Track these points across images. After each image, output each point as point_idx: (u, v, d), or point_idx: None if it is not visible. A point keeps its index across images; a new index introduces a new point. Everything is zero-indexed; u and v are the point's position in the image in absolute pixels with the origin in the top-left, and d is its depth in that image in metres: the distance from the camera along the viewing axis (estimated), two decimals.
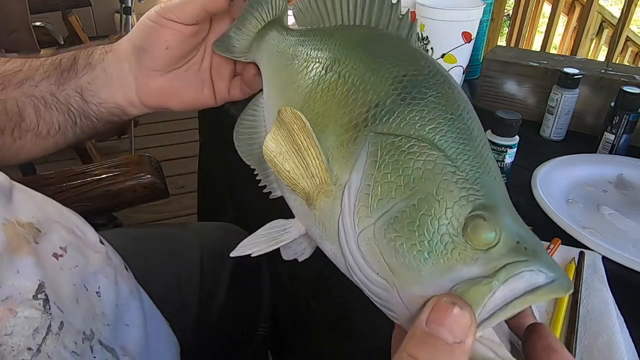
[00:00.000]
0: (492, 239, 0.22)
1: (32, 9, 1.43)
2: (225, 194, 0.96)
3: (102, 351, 0.37)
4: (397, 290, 0.23)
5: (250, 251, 0.36)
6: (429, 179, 0.24)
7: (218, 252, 0.68)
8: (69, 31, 2.21)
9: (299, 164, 0.27)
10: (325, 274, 0.54)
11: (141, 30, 0.41)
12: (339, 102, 0.28)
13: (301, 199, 0.29)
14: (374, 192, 0.24)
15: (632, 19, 2.22)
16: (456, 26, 0.78)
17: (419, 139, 0.25)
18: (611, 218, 0.55)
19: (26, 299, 0.32)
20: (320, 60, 0.31)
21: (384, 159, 0.25)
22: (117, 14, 3.34)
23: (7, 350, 0.30)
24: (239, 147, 0.40)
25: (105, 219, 0.72)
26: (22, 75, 0.45)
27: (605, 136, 0.67)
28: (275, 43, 0.38)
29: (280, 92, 0.34)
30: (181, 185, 1.94)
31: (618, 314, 0.42)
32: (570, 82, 0.70)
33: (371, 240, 0.24)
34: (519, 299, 0.21)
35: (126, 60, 0.43)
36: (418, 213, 0.23)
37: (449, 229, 0.23)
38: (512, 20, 2.26)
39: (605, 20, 2.29)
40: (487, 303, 0.21)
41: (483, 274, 0.22)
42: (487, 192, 0.24)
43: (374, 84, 0.27)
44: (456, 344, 0.20)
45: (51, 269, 0.36)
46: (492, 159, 0.26)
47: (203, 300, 0.62)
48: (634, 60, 2.45)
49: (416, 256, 0.23)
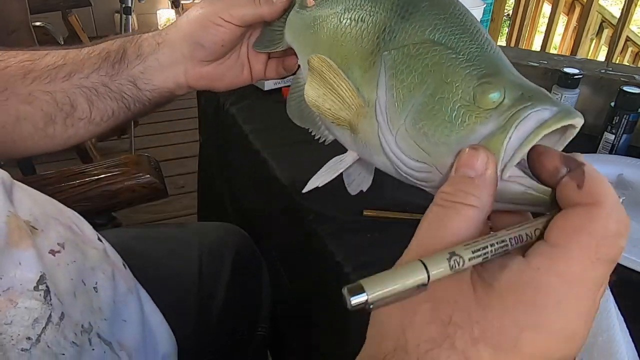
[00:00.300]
0: (498, 97, 0.26)
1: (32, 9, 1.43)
2: (225, 194, 0.96)
3: (101, 344, 0.37)
4: (435, 167, 0.28)
5: (317, 183, 0.42)
6: (437, 69, 0.28)
7: (217, 252, 0.68)
8: (69, 31, 2.21)
9: (335, 99, 0.33)
10: (325, 274, 0.54)
11: (199, 26, 0.46)
12: (356, 40, 0.34)
13: (347, 130, 0.35)
14: (397, 97, 0.30)
15: (632, 19, 2.22)
16: None
17: (422, 42, 0.30)
18: None
19: (27, 290, 0.33)
20: (335, 14, 0.37)
21: (398, 68, 0.30)
22: (117, 14, 3.35)
23: (6, 339, 0.31)
24: (292, 117, 0.46)
25: (104, 219, 0.72)
26: (67, 68, 0.48)
27: (605, 136, 0.67)
28: (300, 22, 0.43)
29: (312, 52, 0.38)
30: (181, 185, 1.93)
31: (618, 314, 0.42)
32: (570, 82, 0.69)
33: (405, 136, 0.29)
34: (531, 134, 0.24)
35: (179, 51, 0.47)
36: (435, 98, 0.28)
37: (462, 101, 0.27)
38: (512, 20, 2.26)
39: (605, 20, 2.29)
40: (507, 147, 0.25)
41: (498, 127, 0.25)
42: (487, 64, 0.28)
43: (377, 14, 0.33)
44: (477, 176, 0.23)
45: (49, 264, 0.36)
46: (487, 38, 0.30)
47: (203, 300, 0.62)
48: (634, 60, 2.45)
49: (442, 132, 0.27)
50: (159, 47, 0.48)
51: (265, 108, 0.85)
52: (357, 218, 0.56)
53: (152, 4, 3.77)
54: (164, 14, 3.79)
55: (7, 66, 0.49)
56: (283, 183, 0.65)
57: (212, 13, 0.45)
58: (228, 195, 0.95)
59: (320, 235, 0.55)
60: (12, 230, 0.34)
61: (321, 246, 0.54)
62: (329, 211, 0.58)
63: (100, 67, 0.48)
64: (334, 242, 0.54)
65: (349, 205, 0.58)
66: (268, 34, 0.50)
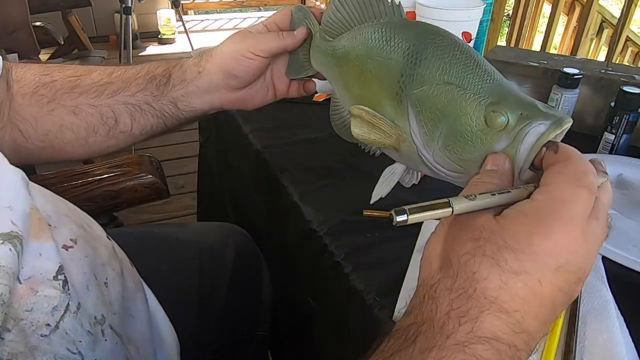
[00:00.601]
0: (504, 121, 0.34)
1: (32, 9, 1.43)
2: (225, 194, 0.96)
3: (113, 335, 0.39)
4: (466, 174, 0.36)
5: (381, 195, 0.48)
6: (452, 104, 0.36)
7: (218, 252, 0.68)
8: (69, 31, 2.21)
9: (378, 133, 0.41)
10: (324, 275, 0.54)
11: (233, 60, 0.52)
12: (381, 83, 0.41)
13: (392, 150, 0.43)
14: (427, 128, 0.37)
15: (632, 19, 2.22)
16: (456, 26, 0.78)
17: (436, 84, 0.37)
18: (611, 218, 0.56)
19: (47, 279, 0.35)
20: (357, 60, 0.45)
21: (422, 106, 0.38)
22: (117, 14, 3.34)
23: (27, 325, 0.33)
24: (340, 133, 0.54)
25: (106, 219, 0.72)
26: (114, 86, 0.54)
27: (605, 136, 0.67)
28: (324, 56, 0.52)
29: (344, 88, 0.48)
30: (181, 185, 1.93)
31: (618, 314, 0.42)
32: (570, 82, 0.69)
33: (440, 155, 0.37)
34: (534, 145, 0.32)
35: (216, 80, 0.54)
36: (457, 127, 0.36)
37: (477, 127, 0.35)
38: (512, 20, 2.26)
39: (605, 20, 2.29)
40: (518, 158, 0.33)
41: (508, 143, 0.33)
42: (490, 93, 0.35)
43: (395, 62, 0.40)
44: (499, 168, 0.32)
45: (63, 258, 0.38)
46: (486, 69, 0.37)
47: (203, 300, 0.63)
48: (634, 60, 2.45)
49: (468, 151, 0.35)
50: (199, 75, 0.54)
51: (265, 108, 0.84)
52: (357, 218, 0.56)
53: (152, 4, 3.77)
54: (164, 14, 3.79)
55: (54, 80, 0.53)
56: (283, 183, 0.65)
57: (244, 48, 0.52)
58: (228, 195, 0.95)
59: (320, 235, 0.55)
60: (33, 223, 0.37)
61: (321, 246, 0.54)
62: (329, 211, 0.58)
63: (146, 88, 0.54)
64: (334, 242, 0.54)
65: (349, 205, 0.58)
66: (297, 63, 0.57)
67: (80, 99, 0.53)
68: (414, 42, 0.40)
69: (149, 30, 3.84)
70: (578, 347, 0.39)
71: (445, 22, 0.78)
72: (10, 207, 0.36)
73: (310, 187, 0.63)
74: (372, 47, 0.43)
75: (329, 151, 0.68)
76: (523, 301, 0.27)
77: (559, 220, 0.27)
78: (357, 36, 0.46)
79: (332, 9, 0.50)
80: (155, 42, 3.84)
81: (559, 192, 0.28)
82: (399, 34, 0.42)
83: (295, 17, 0.55)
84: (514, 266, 0.27)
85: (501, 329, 0.26)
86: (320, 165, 0.68)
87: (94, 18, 3.65)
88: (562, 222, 0.27)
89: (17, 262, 0.33)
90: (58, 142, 0.54)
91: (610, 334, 0.40)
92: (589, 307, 0.43)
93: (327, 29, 0.51)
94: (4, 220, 0.34)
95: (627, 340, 0.40)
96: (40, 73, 0.54)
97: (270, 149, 0.72)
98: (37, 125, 0.53)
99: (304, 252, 0.60)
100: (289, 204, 0.62)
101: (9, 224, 0.35)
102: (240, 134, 0.80)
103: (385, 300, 0.46)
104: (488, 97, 0.35)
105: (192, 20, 4.31)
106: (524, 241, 0.27)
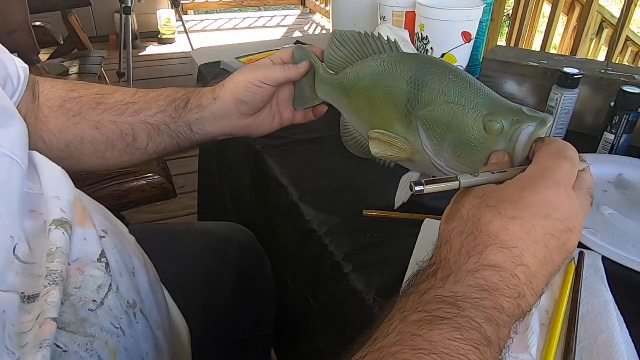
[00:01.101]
0: (500, 127, 0.40)
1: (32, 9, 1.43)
2: (226, 194, 0.96)
3: (143, 319, 0.43)
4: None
5: (403, 200, 0.55)
6: (455, 119, 0.43)
7: (223, 251, 0.68)
8: (69, 31, 2.21)
9: (394, 150, 0.49)
10: (324, 275, 0.54)
11: (243, 88, 0.57)
12: (391, 109, 0.49)
13: (407, 161, 0.50)
14: (436, 140, 0.45)
15: (632, 19, 2.22)
16: (456, 26, 0.78)
17: (439, 104, 0.44)
18: (611, 218, 0.55)
19: (92, 262, 0.40)
20: (366, 92, 0.52)
21: (430, 123, 0.45)
22: (117, 14, 3.34)
23: (76, 300, 0.37)
24: (353, 151, 0.59)
25: None
26: (137, 107, 0.58)
27: (605, 136, 0.67)
28: (329, 87, 0.58)
29: (355, 114, 0.55)
30: (181, 186, 1.93)
31: (618, 314, 0.42)
32: (570, 82, 0.69)
33: (451, 161, 0.44)
34: (526, 142, 0.39)
35: (228, 107, 0.57)
36: (462, 136, 0.43)
37: (479, 135, 0.42)
38: (512, 20, 2.26)
39: (605, 20, 2.29)
40: (515, 155, 0.40)
41: (507, 145, 0.40)
42: (485, 106, 0.42)
43: (400, 89, 0.48)
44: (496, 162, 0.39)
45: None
46: (477, 86, 0.44)
47: (208, 299, 0.63)
48: (634, 60, 2.45)
49: (475, 155, 0.42)
50: (214, 102, 0.58)
51: None
52: (357, 218, 0.56)
53: (152, 4, 3.77)
54: (164, 14, 3.79)
55: (80, 96, 0.57)
56: (283, 183, 0.65)
57: (253, 78, 0.56)
58: (228, 195, 0.95)
59: (320, 235, 0.55)
60: (77, 211, 0.41)
61: (321, 246, 0.54)
62: (329, 211, 0.58)
63: (166, 110, 0.58)
64: (334, 242, 0.54)
65: (349, 205, 0.58)
66: (303, 95, 0.62)
67: (104, 115, 0.57)
68: (415, 72, 0.47)
69: (149, 30, 3.84)
70: (578, 347, 0.39)
71: (445, 22, 0.78)
72: (58, 197, 0.40)
73: (310, 187, 0.63)
74: (378, 79, 0.50)
75: (329, 151, 0.68)
76: (519, 240, 0.33)
77: (546, 181, 0.34)
78: (363, 70, 0.53)
79: (333, 48, 0.56)
80: (155, 42, 3.84)
81: (544, 163, 0.35)
82: (401, 65, 0.49)
83: (297, 55, 0.61)
84: (511, 213, 0.33)
85: (503, 260, 0.32)
86: (320, 165, 0.68)
87: (94, 18, 3.65)
88: (549, 183, 0.34)
89: (69, 245, 0.38)
90: (78, 153, 0.58)
91: (610, 334, 0.40)
92: (589, 307, 0.43)
93: (331, 65, 0.57)
94: (54, 209, 0.39)
95: (627, 340, 0.40)
96: (68, 89, 0.58)
97: (270, 149, 0.72)
98: (61, 136, 0.57)
99: (304, 252, 0.60)
100: (289, 204, 0.62)
101: (58, 211, 0.39)
102: None
103: (385, 301, 0.46)
104: (483, 109, 0.42)
105: (192, 20, 4.31)
106: (518, 195, 0.34)
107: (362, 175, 0.64)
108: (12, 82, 0.52)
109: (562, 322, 0.41)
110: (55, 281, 0.35)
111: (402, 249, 0.51)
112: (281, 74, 0.57)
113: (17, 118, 0.44)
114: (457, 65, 0.82)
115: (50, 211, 0.39)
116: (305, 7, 4.58)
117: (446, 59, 0.81)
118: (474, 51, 0.85)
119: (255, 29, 4.25)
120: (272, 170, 0.68)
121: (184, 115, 0.58)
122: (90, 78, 1.96)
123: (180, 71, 3.29)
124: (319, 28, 4.24)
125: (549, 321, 0.41)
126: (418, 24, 0.82)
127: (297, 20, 4.46)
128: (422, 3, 0.79)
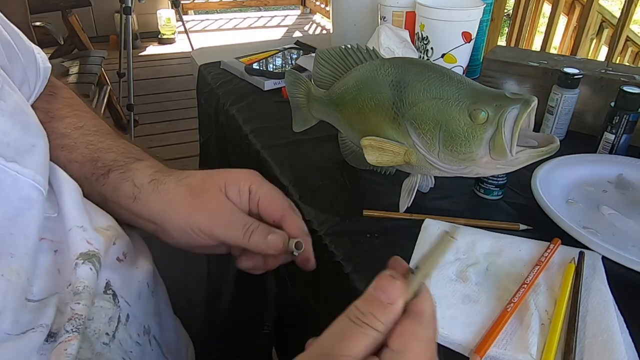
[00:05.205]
0: (484, 115, 0.42)
1: (32, 9, 1.44)
2: None
3: (157, 346, 0.41)
4: (471, 164, 0.45)
5: (407, 205, 0.55)
6: (441, 113, 0.44)
7: None
8: (69, 31, 2.21)
9: (388, 155, 0.49)
10: (324, 275, 0.54)
11: (182, 231, 0.44)
12: (378, 114, 0.50)
13: (404, 164, 0.50)
14: (427, 138, 0.46)
15: (632, 19, 2.22)
16: (456, 26, 0.78)
17: (423, 102, 0.46)
18: (611, 218, 0.55)
19: (100, 293, 0.37)
20: (352, 101, 0.53)
21: (418, 121, 0.46)
22: (117, 14, 3.35)
23: (91, 333, 0.35)
24: (353, 164, 0.63)
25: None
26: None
27: (605, 136, 0.67)
28: (323, 107, 0.59)
29: (348, 126, 0.56)
30: None
31: (618, 314, 0.42)
32: (570, 82, 0.69)
33: (444, 156, 0.45)
34: (514, 125, 0.41)
35: (149, 217, 0.45)
36: (450, 130, 0.44)
37: (466, 126, 0.43)
38: (512, 20, 2.26)
39: (605, 20, 2.29)
40: (505, 140, 0.41)
41: (494, 131, 0.42)
42: (468, 97, 0.44)
43: (384, 94, 0.49)
44: (389, 304, 0.28)
45: (118, 269, 0.40)
46: (457, 78, 0.45)
47: (210, 300, 0.63)
48: (634, 60, 2.45)
49: (465, 146, 0.43)
50: (134, 201, 0.45)
51: (265, 108, 0.85)
52: (357, 218, 0.56)
53: (152, 4, 3.77)
54: (164, 14, 3.80)
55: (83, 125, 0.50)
56: (283, 183, 0.65)
57: (194, 221, 0.42)
58: None
59: (320, 235, 0.55)
60: (104, 239, 0.38)
61: (321, 246, 0.54)
62: (329, 211, 0.58)
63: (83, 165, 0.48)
64: (334, 242, 0.54)
65: (349, 205, 0.58)
66: (301, 118, 0.65)
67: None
68: (395, 74, 0.48)
69: (149, 30, 3.85)
70: (578, 347, 0.39)
71: (445, 22, 0.78)
72: (83, 226, 0.36)
73: (310, 187, 0.63)
74: (363, 87, 0.51)
75: (329, 151, 0.68)
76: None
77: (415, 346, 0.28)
78: (348, 82, 0.54)
79: (318, 67, 0.57)
80: (155, 42, 3.84)
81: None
82: (381, 70, 0.50)
83: (287, 79, 0.60)
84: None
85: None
86: (320, 165, 0.68)
87: (94, 18, 3.66)
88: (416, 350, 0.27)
89: (96, 281, 0.34)
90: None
91: (610, 334, 0.40)
92: (589, 307, 0.43)
93: (319, 83, 0.58)
94: (79, 240, 0.35)
95: (627, 340, 0.40)
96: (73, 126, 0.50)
97: (270, 149, 0.72)
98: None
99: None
100: None
101: (84, 243, 0.35)
102: (240, 134, 0.80)
103: None
104: (467, 100, 0.43)
105: (192, 20, 4.32)
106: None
107: (362, 175, 0.64)
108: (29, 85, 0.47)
109: (562, 322, 0.41)
110: (77, 328, 0.32)
111: (402, 249, 0.51)
112: (233, 239, 0.43)
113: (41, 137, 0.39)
114: (457, 65, 0.82)
115: (74, 243, 0.35)
116: (306, 7, 4.58)
117: (446, 59, 0.81)
118: (474, 51, 0.85)
119: (255, 29, 4.26)
120: (272, 170, 0.68)
121: (96, 185, 0.46)
122: (91, 78, 1.96)
123: (180, 71, 3.30)
124: (319, 28, 4.25)
125: (549, 321, 0.41)
126: (418, 24, 0.82)
127: (297, 20, 4.47)
128: (422, 3, 0.79)
